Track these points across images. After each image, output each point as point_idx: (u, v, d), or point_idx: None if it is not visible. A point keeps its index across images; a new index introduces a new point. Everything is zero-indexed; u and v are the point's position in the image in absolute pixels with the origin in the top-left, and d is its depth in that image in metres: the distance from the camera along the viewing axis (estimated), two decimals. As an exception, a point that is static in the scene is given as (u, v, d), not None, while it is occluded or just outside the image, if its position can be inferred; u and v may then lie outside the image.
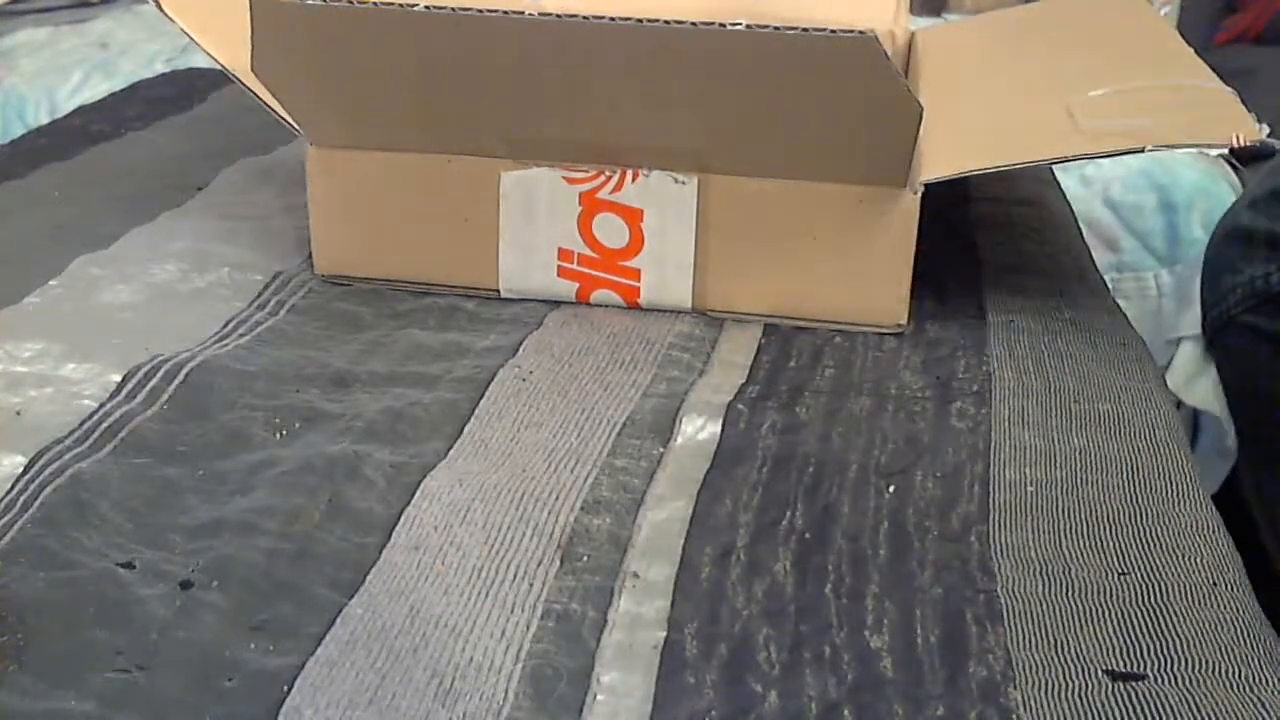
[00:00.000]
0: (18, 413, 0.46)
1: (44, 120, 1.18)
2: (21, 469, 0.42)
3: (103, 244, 0.61)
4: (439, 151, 0.55)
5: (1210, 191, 1.03)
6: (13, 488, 0.41)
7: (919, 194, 0.52)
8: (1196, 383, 0.94)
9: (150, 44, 1.34)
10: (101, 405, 0.46)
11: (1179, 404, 0.88)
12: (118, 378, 0.48)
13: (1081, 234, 0.69)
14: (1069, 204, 0.73)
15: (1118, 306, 0.58)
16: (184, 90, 0.91)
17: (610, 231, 0.54)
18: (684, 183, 0.53)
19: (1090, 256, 0.65)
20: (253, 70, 0.52)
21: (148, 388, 0.47)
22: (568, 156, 0.54)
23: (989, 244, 0.64)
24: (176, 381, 0.48)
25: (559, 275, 0.55)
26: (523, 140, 0.53)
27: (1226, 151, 0.48)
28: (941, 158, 0.53)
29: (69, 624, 0.35)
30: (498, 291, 0.57)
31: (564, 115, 0.52)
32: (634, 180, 0.53)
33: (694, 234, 0.54)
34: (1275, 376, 0.58)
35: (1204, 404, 0.90)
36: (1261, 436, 0.59)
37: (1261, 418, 0.59)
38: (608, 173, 0.53)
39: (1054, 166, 0.79)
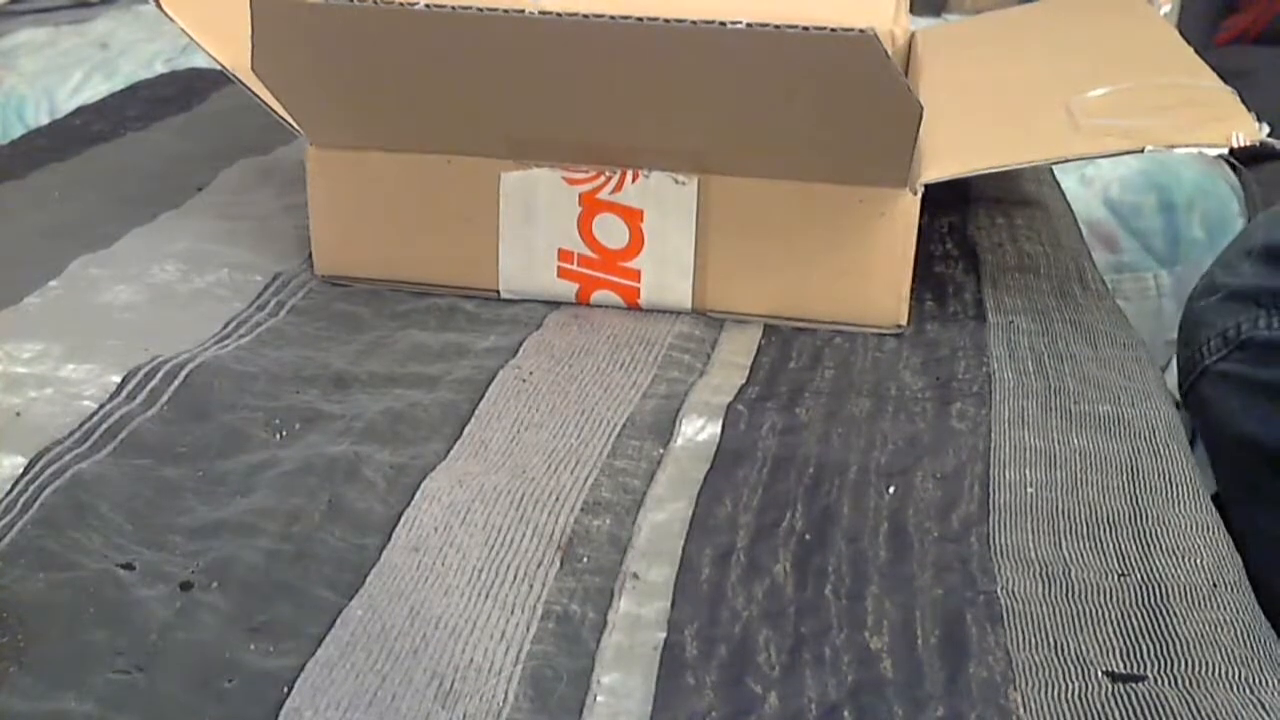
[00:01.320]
0: (17, 414, 0.46)
1: (44, 120, 1.18)
2: (21, 470, 0.42)
3: (102, 244, 0.61)
4: (439, 151, 0.55)
5: (1210, 191, 1.03)
6: (12, 489, 0.41)
7: (919, 194, 0.52)
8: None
9: (150, 44, 1.34)
10: (101, 406, 0.46)
11: (1179, 404, 0.88)
12: (117, 378, 0.48)
13: (1081, 234, 0.69)
14: (1069, 204, 0.73)
15: (1118, 307, 0.58)
16: (184, 90, 0.91)
17: (610, 232, 0.54)
18: (684, 183, 0.53)
19: (1090, 257, 0.65)
20: (253, 69, 0.52)
21: (148, 388, 0.47)
22: (568, 157, 0.54)
23: (989, 244, 0.64)
24: (176, 382, 0.48)
25: (559, 276, 0.55)
26: (523, 140, 0.53)
27: (1226, 151, 0.48)
28: (941, 158, 0.53)
29: (69, 625, 0.35)
30: (498, 292, 0.57)
31: (564, 115, 0.52)
32: (634, 181, 0.53)
33: (694, 235, 0.54)
34: (1248, 416, 0.59)
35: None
36: (1244, 478, 0.60)
37: (1241, 458, 0.60)
38: (608, 173, 0.53)
39: (1054, 166, 0.79)
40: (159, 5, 0.57)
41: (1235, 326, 0.59)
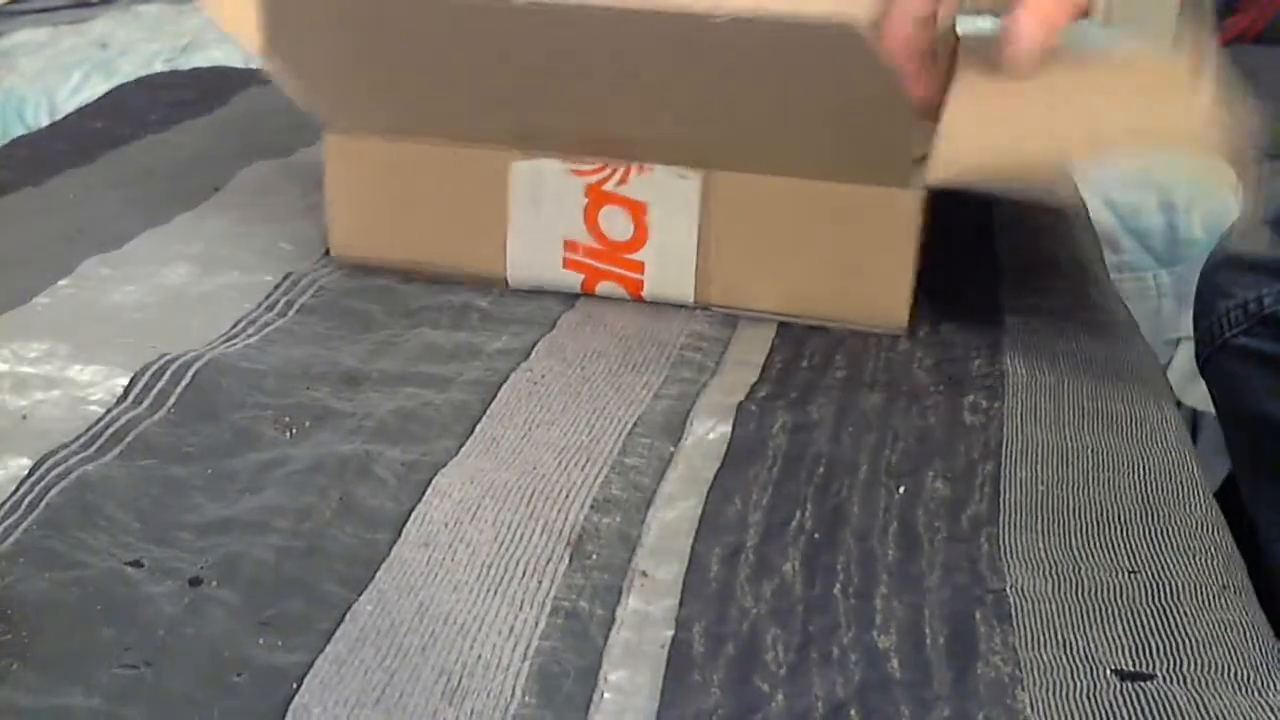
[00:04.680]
0: (23, 416, 0.46)
1: (44, 121, 1.17)
2: (26, 471, 0.42)
3: (114, 245, 0.61)
4: (450, 139, 0.55)
5: (1210, 191, 1.03)
6: (17, 489, 0.41)
7: (921, 195, 0.52)
8: (1196, 383, 0.93)
9: (150, 44, 1.34)
10: (109, 410, 0.46)
11: (1179, 404, 0.88)
12: (125, 380, 0.48)
13: (1096, 236, 0.69)
14: (1086, 207, 0.73)
15: (1127, 307, 0.58)
16: (205, 92, 0.91)
17: (615, 224, 0.54)
18: (687, 177, 0.53)
19: (1102, 258, 0.65)
20: (265, 53, 0.52)
21: (155, 390, 0.47)
22: (574, 148, 0.54)
23: (1008, 244, 0.64)
24: (184, 383, 0.47)
25: (565, 266, 0.56)
26: (530, 130, 0.54)
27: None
28: (954, 162, 0.52)
29: (75, 622, 0.35)
30: (506, 280, 0.57)
31: (570, 105, 0.52)
32: (639, 174, 0.53)
33: (697, 229, 0.54)
34: (1269, 394, 0.58)
35: (1204, 404, 0.90)
36: (1260, 457, 0.59)
37: (1258, 436, 0.59)
38: (613, 166, 0.54)
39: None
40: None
41: (1257, 300, 0.58)
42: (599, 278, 0.56)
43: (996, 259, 0.62)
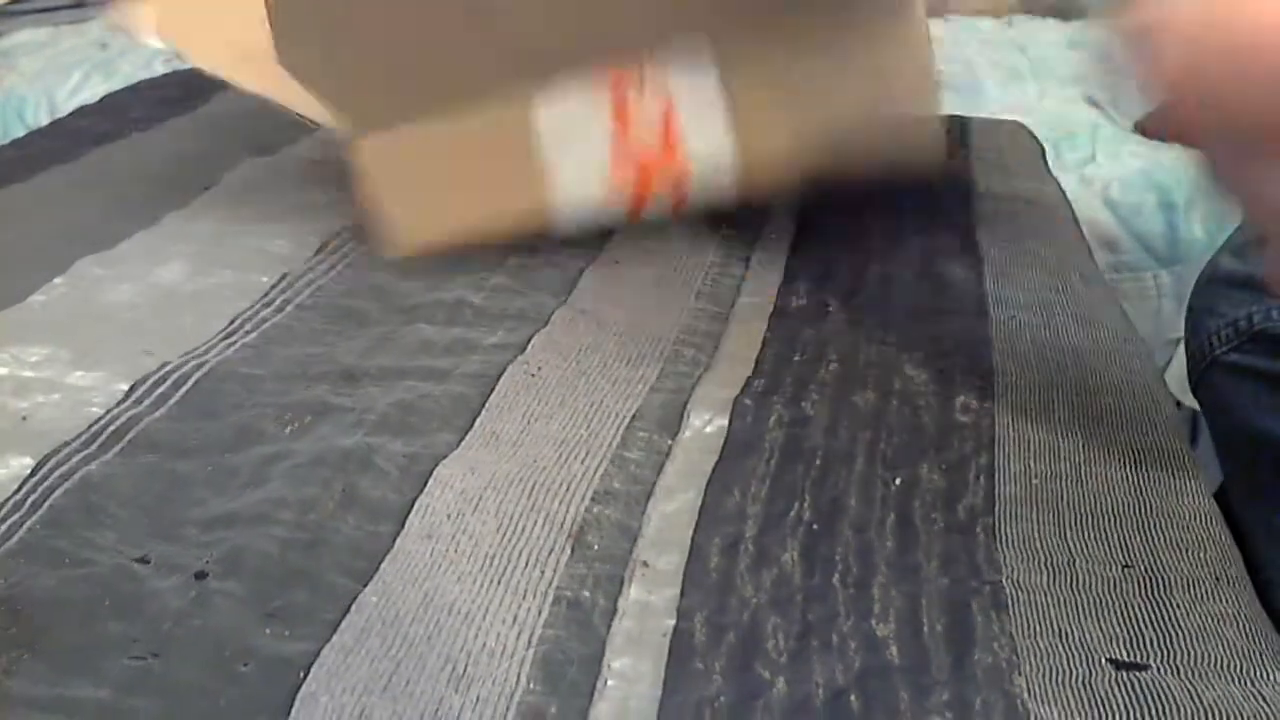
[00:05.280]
0: (24, 418, 0.46)
1: (44, 120, 1.18)
2: (29, 471, 0.42)
3: (107, 245, 0.61)
4: (468, 104, 0.55)
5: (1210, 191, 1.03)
6: (19, 489, 0.41)
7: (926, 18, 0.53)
8: (1196, 383, 0.94)
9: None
10: (108, 410, 0.46)
11: (1179, 404, 0.89)
12: (125, 385, 0.48)
13: (1081, 229, 0.69)
14: (1068, 200, 0.74)
15: (1117, 300, 0.59)
16: (188, 91, 0.91)
17: (647, 135, 0.55)
18: (703, 62, 0.54)
19: (1090, 251, 0.65)
20: (279, 62, 0.53)
21: (156, 393, 0.47)
22: (589, 71, 0.54)
23: (992, 240, 0.64)
24: (185, 388, 0.48)
25: (609, 192, 0.57)
26: (544, 65, 0.54)
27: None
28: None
29: (82, 617, 0.35)
30: (556, 230, 0.58)
31: (575, 24, 0.53)
32: (657, 78, 0.54)
33: (726, 113, 0.55)
34: (1260, 410, 0.59)
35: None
36: (1254, 472, 0.60)
37: (1251, 453, 0.60)
38: (630, 78, 0.54)
39: (1053, 167, 0.78)
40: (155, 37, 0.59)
41: (1247, 317, 0.59)
42: (644, 194, 0.56)
43: (980, 252, 0.62)
